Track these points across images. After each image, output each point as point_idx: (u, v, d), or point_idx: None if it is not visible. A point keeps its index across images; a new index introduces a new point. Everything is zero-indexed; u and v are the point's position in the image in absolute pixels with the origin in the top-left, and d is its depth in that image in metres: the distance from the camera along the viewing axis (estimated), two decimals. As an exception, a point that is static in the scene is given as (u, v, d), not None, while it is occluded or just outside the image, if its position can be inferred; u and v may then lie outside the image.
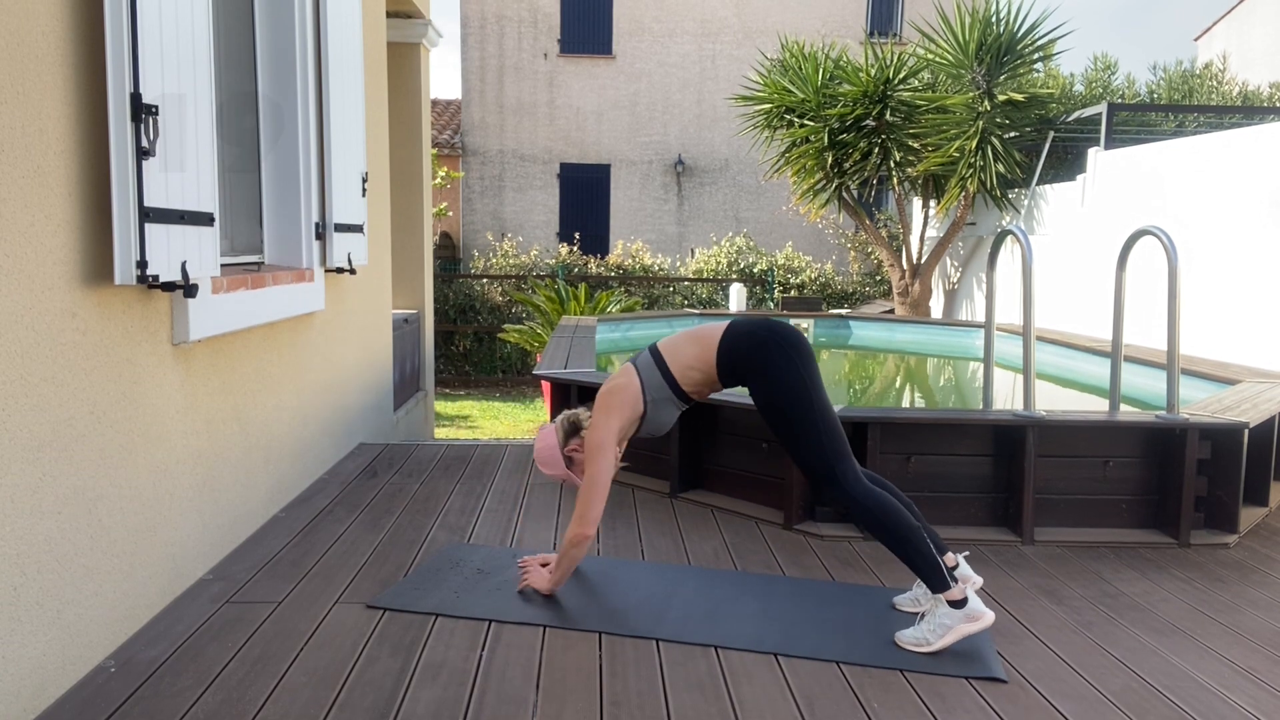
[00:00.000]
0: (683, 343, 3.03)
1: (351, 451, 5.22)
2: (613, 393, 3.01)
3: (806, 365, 2.89)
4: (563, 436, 3.10)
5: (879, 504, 2.78)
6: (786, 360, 2.87)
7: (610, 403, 3.00)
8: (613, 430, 2.97)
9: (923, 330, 8.93)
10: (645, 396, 3.01)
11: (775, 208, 17.87)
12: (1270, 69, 17.67)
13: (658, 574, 3.37)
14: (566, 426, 3.11)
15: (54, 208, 2.43)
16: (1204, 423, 3.82)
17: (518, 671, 2.60)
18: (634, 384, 3.02)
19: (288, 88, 4.18)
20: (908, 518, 2.78)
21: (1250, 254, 6.99)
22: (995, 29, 10.18)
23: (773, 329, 2.93)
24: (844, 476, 2.82)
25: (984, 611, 2.74)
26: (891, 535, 2.76)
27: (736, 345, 2.93)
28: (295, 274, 4.09)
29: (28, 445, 2.32)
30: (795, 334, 2.94)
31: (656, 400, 3.02)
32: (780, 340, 2.90)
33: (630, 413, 3.01)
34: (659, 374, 3.01)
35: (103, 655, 2.64)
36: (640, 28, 17.64)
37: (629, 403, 3.00)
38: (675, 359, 3.01)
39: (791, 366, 2.86)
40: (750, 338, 2.92)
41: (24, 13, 2.30)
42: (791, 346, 2.89)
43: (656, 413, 3.04)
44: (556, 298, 10.76)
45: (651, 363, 3.03)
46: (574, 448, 3.08)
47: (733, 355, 2.94)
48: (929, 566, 2.74)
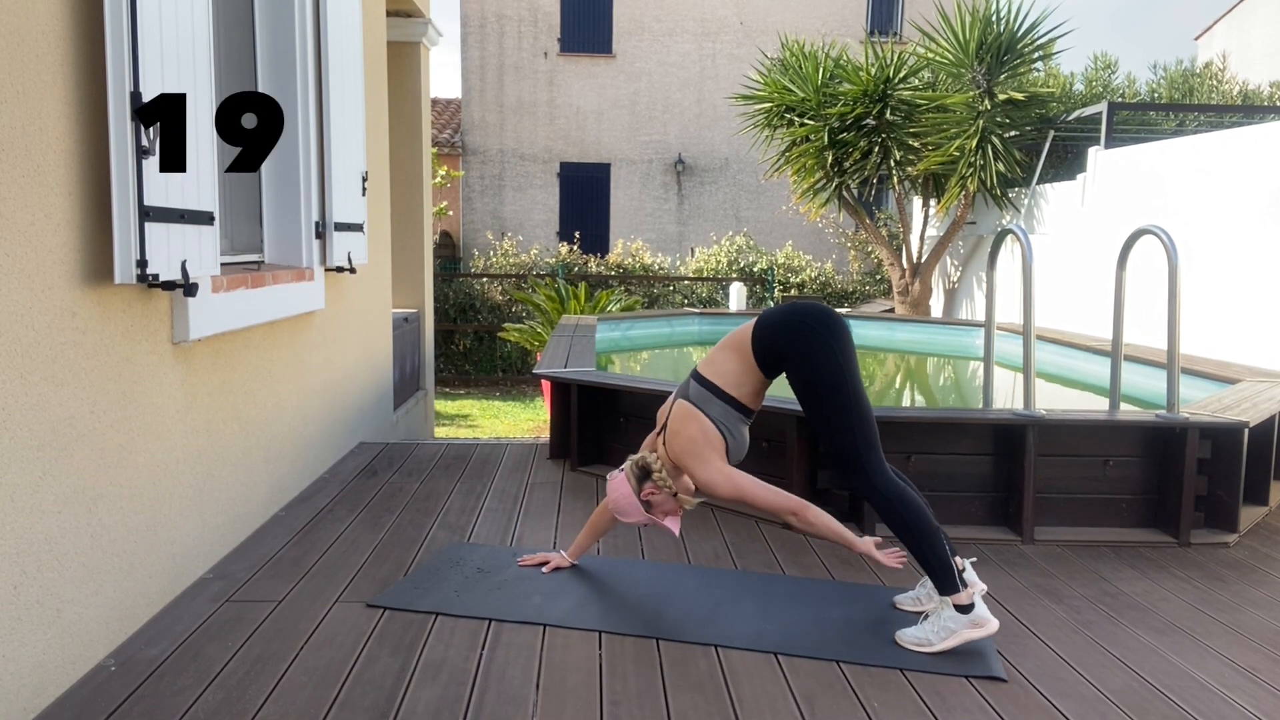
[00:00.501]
0: (721, 358, 2.99)
1: (351, 451, 5.22)
2: (694, 441, 2.95)
3: (843, 347, 2.83)
4: (635, 484, 3.04)
5: (901, 498, 2.77)
6: (821, 343, 2.81)
7: (702, 452, 2.94)
8: (725, 467, 2.93)
9: (923, 329, 8.93)
10: (720, 429, 2.96)
11: (775, 207, 17.87)
12: (1270, 68, 17.67)
13: (658, 574, 3.37)
14: (638, 473, 3.05)
15: (54, 207, 2.43)
16: (1204, 422, 3.82)
17: (518, 671, 2.60)
18: (705, 422, 2.95)
19: (288, 87, 4.18)
20: (929, 516, 2.77)
21: (1250, 254, 6.99)
22: (995, 28, 10.17)
23: (804, 312, 2.87)
24: (871, 466, 2.80)
25: (989, 619, 2.73)
26: (911, 532, 2.75)
27: (767, 336, 2.88)
28: (295, 273, 4.09)
29: (28, 444, 2.32)
30: (828, 315, 2.87)
31: (729, 426, 2.97)
32: (812, 323, 2.84)
33: (719, 446, 2.96)
34: (718, 400, 2.96)
35: (103, 654, 2.64)
36: (640, 27, 17.64)
37: (715, 440, 2.95)
38: (724, 377, 2.96)
39: (826, 348, 2.81)
40: (779, 326, 2.87)
41: (24, 12, 2.30)
42: (825, 328, 2.83)
43: (732, 435, 2.99)
44: (556, 297, 10.76)
45: (706, 393, 2.97)
46: (649, 492, 3.03)
47: (766, 347, 2.89)
48: (943, 567, 2.73)
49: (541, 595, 3.13)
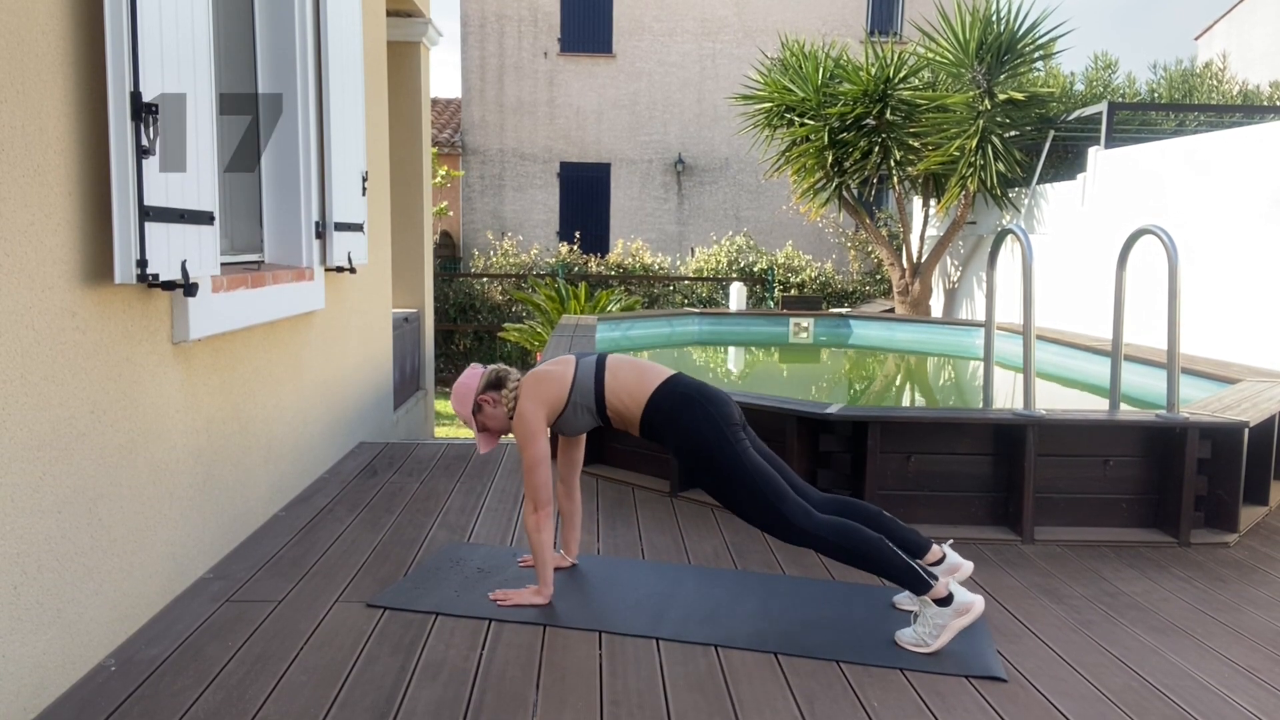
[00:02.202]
0: (628, 368, 3.04)
1: (351, 450, 5.22)
2: (542, 380, 3.03)
3: (730, 424, 2.90)
4: (483, 384, 3.10)
5: (832, 530, 2.79)
6: (709, 417, 2.88)
7: (538, 391, 3.01)
8: (540, 417, 3.00)
9: (923, 329, 8.93)
10: (570, 398, 3.02)
11: (775, 207, 17.87)
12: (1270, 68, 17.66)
13: (658, 573, 3.37)
14: (491, 378, 3.11)
15: (54, 207, 2.43)
16: (1204, 422, 3.82)
17: (518, 671, 2.60)
18: (565, 380, 3.02)
19: (288, 87, 4.18)
20: (865, 533, 2.77)
21: (1250, 253, 6.99)
22: (996, 28, 10.17)
23: (704, 391, 2.96)
24: (791, 515, 2.81)
25: (972, 600, 2.74)
26: (855, 555, 2.77)
27: (664, 398, 2.94)
28: (295, 273, 4.08)
29: (28, 444, 2.32)
30: (726, 399, 2.96)
31: (577, 404, 3.03)
32: (705, 399, 2.92)
33: (553, 403, 3.02)
34: (593, 385, 3.02)
35: (103, 654, 2.64)
36: (640, 27, 17.63)
37: (554, 395, 3.01)
38: (614, 383, 3.01)
39: (711, 421, 2.88)
40: (681, 395, 2.94)
41: (24, 12, 2.30)
42: (715, 405, 2.92)
43: (573, 416, 3.05)
44: (556, 297, 10.76)
45: (592, 371, 3.03)
46: (486, 399, 3.08)
47: (658, 408, 2.94)
48: (902, 573, 2.74)
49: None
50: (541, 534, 3.02)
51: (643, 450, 4.62)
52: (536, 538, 3.02)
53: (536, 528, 3.01)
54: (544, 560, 3.06)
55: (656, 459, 4.56)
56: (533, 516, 3.00)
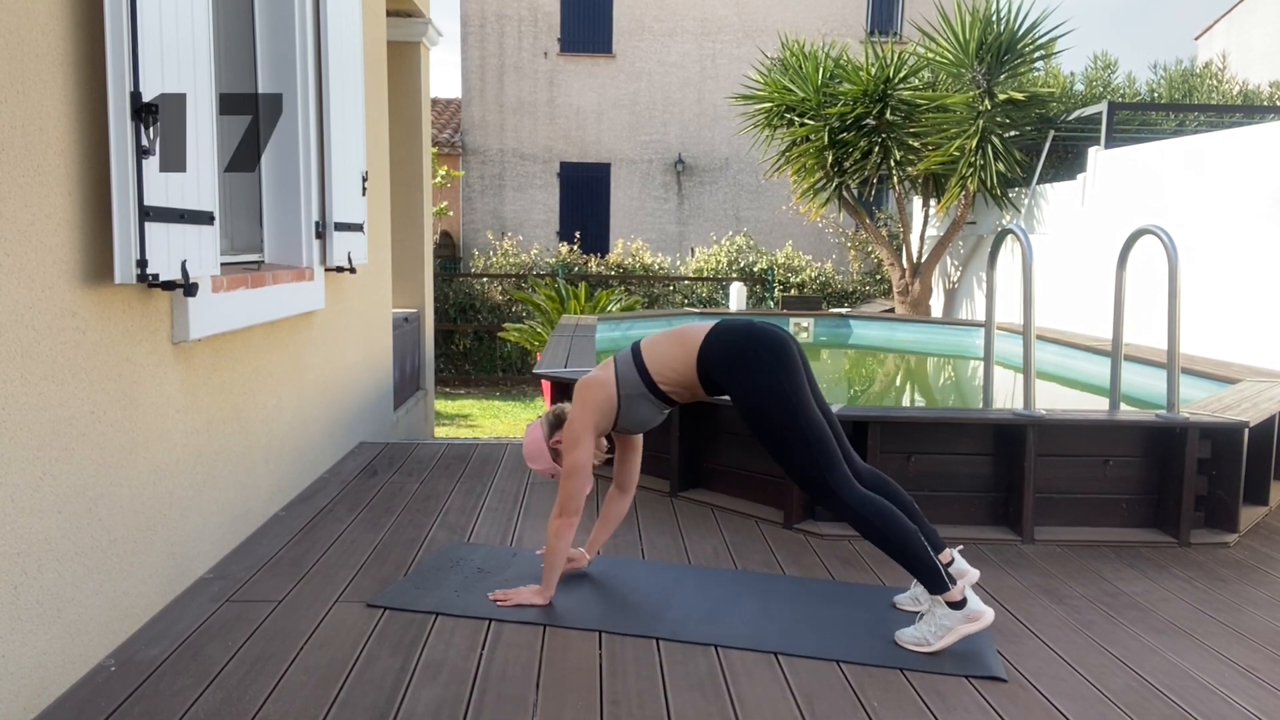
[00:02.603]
0: (665, 343, 2.98)
1: (351, 450, 5.22)
2: (587, 386, 3.01)
3: (788, 370, 2.78)
4: (547, 430, 3.09)
5: (875, 511, 2.74)
6: (766, 369, 2.77)
7: (585, 396, 2.99)
8: (587, 424, 2.97)
9: (923, 329, 8.93)
10: (619, 392, 2.98)
11: (775, 207, 17.87)
12: (1270, 68, 17.66)
13: (658, 573, 3.37)
14: (552, 420, 3.10)
15: (54, 207, 2.43)
16: (1204, 422, 3.82)
17: (518, 671, 2.60)
18: (609, 380, 2.99)
19: (288, 87, 4.18)
20: (904, 522, 2.74)
21: (1250, 253, 6.99)
22: (996, 28, 10.17)
23: (754, 335, 2.82)
24: (837, 486, 2.75)
25: (983, 610, 2.74)
26: (889, 541, 2.73)
27: (713, 353, 2.84)
28: (295, 273, 4.08)
29: (28, 444, 2.32)
30: (779, 338, 2.83)
31: (630, 397, 2.98)
32: (761, 347, 2.79)
33: (604, 407, 2.98)
34: (635, 372, 2.97)
35: (103, 654, 2.64)
36: (640, 27, 17.63)
37: (602, 398, 2.98)
38: (655, 359, 2.96)
39: (770, 373, 2.77)
40: (729, 345, 2.82)
41: (24, 12, 2.30)
42: (772, 353, 2.79)
43: (631, 409, 3.00)
44: (556, 297, 10.76)
45: (630, 360, 3.00)
46: (557, 440, 3.07)
47: (711, 363, 2.85)
48: (927, 570, 2.72)
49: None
50: (560, 540, 2.99)
51: (643, 450, 4.61)
52: (554, 543, 3.00)
53: (556, 533, 2.98)
54: (554, 565, 3.04)
55: (657, 459, 4.56)
56: (556, 521, 2.97)
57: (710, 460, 4.40)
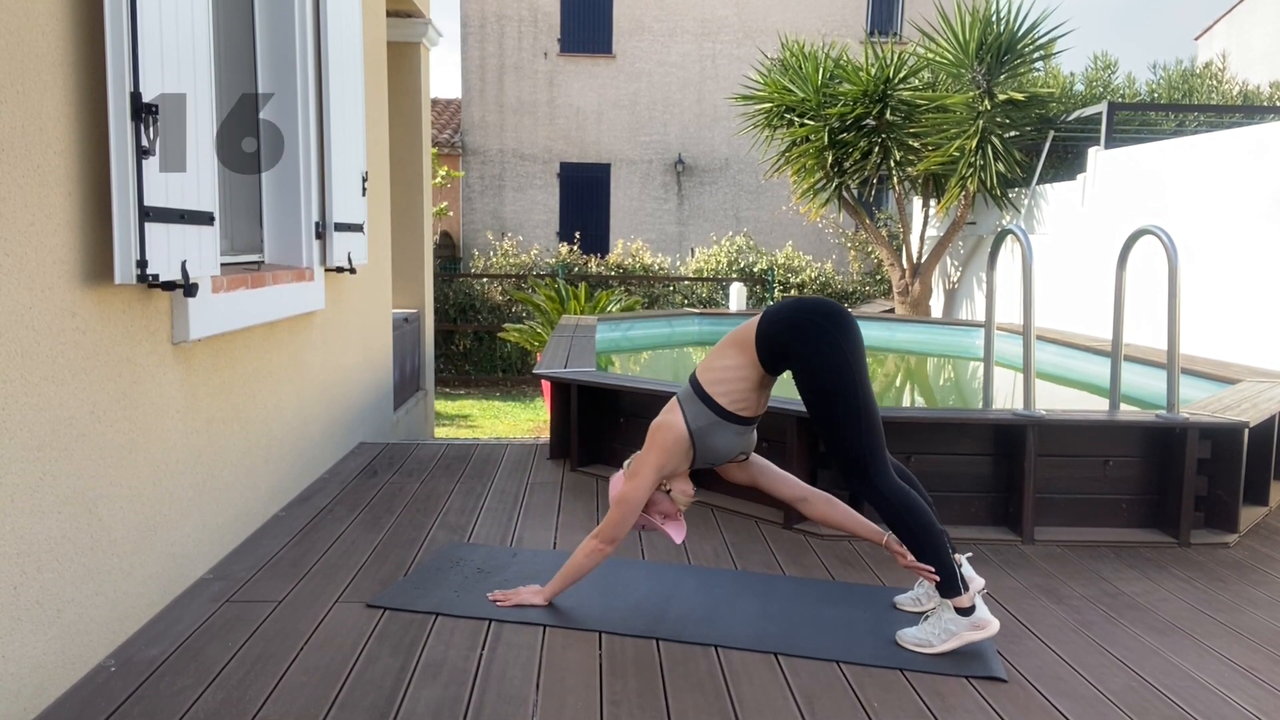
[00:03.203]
0: (719, 356, 2.90)
1: (351, 451, 5.22)
2: (658, 429, 2.93)
3: (852, 346, 2.74)
4: None
5: (905, 502, 2.74)
6: (829, 341, 2.72)
7: (655, 438, 2.92)
8: (651, 462, 2.90)
9: (923, 330, 8.93)
10: (689, 428, 2.89)
11: (775, 207, 17.87)
12: (1270, 68, 17.66)
13: (658, 574, 3.37)
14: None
15: (54, 207, 2.43)
16: (1204, 422, 3.82)
17: (518, 671, 2.60)
18: (677, 420, 2.91)
19: (288, 87, 4.18)
20: (932, 520, 2.75)
21: (1250, 253, 6.99)
22: (995, 28, 10.17)
23: (812, 309, 2.77)
24: (875, 469, 2.75)
25: (990, 620, 2.73)
26: (915, 535, 2.72)
27: (773, 333, 2.78)
28: (295, 273, 4.09)
29: (28, 445, 2.32)
30: (837, 311, 2.77)
31: (702, 429, 2.89)
32: (821, 320, 2.74)
33: (674, 449, 2.90)
34: (699, 402, 2.89)
35: (103, 654, 2.64)
36: (640, 27, 17.64)
37: (671, 440, 2.89)
38: (713, 380, 2.87)
39: (834, 347, 2.72)
40: (786, 323, 2.77)
41: (24, 12, 2.30)
42: (834, 325, 2.73)
43: (706, 441, 2.91)
44: (556, 297, 10.76)
45: (692, 393, 2.92)
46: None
47: (770, 344, 2.79)
48: (946, 572, 2.72)
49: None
50: (588, 560, 2.94)
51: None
52: (582, 560, 2.95)
53: (588, 554, 2.94)
54: (569, 578, 3.00)
55: (656, 459, 4.56)
56: (592, 542, 2.93)
57: (710, 460, 4.40)
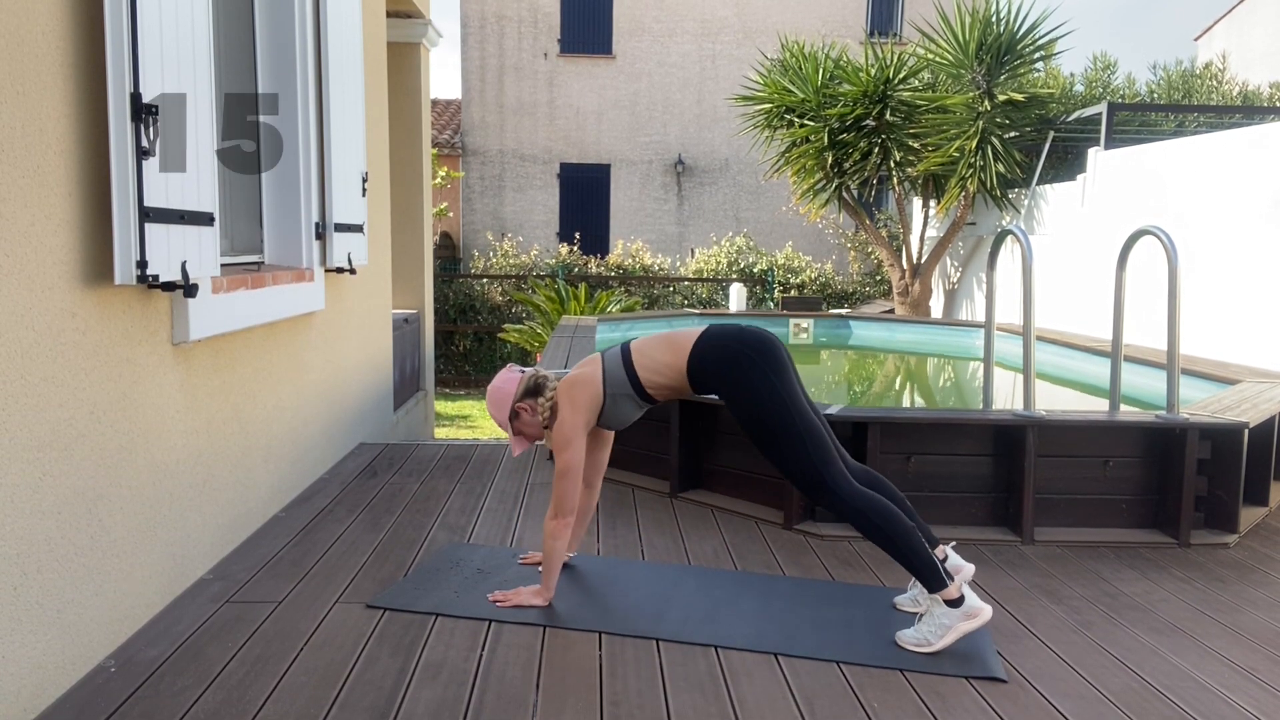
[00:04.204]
0: (655, 346, 3.02)
1: (351, 451, 5.22)
2: (575, 384, 3.03)
3: (780, 373, 2.85)
4: (521, 391, 3.08)
5: (872, 506, 2.77)
6: (759, 372, 2.84)
7: (573, 395, 3.01)
8: (578, 425, 2.99)
9: (923, 330, 8.93)
10: (605, 391, 3.02)
11: (775, 208, 17.87)
12: (1270, 69, 17.66)
13: (658, 574, 3.37)
14: (530, 385, 3.09)
15: (54, 207, 2.43)
16: (1204, 422, 3.82)
17: (518, 671, 2.60)
18: (596, 378, 3.02)
19: (288, 87, 4.18)
20: (902, 519, 2.76)
21: (1250, 254, 6.99)
22: (995, 29, 10.18)
23: (743, 339, 2.89)
24: (833, 483, 2.79)
25: (981, 607, 2.74)
26: (886, 538, 2.75)
27: (706, 357, 2.91)
28: (295, 274, 4.09)
29: (28, 445, 2.32)
30: (767, 342, 2.90)
31: (616, 396, 3.03)
32: (751, 351, 2.86)
33: (593, 405, 3.02)
34: (624, 372, 3.01)
35: (103, 655, 2.64)
36: (640, 27, 17.64)
37: (590, 396, 3.01)
38: (644, 362, 3.00)
39: (764, 378, 2.83)
40: (721, 350, 2.89)
41: (24, 12, 2.30)
42: (762, 355, 2.86)
43: (614, 408, 3.05)
44: (556, 297, 10.76)
45: (620, 361, 3.03)
46: (524, 406, 3.07)
47: (703, 366, 2.92)
48: (925, 567, 2.73)
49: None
50: (557, 541, 3.00)
51: (643, 450, 4.62)
52: (550, 544, 3.01)
53: (553, 534, 2.99)
54: (552, 567, 3.05)
55: (657, 459, 4.57)
56: (552, 522, 2.99)
57: (710, 461, 4.40)
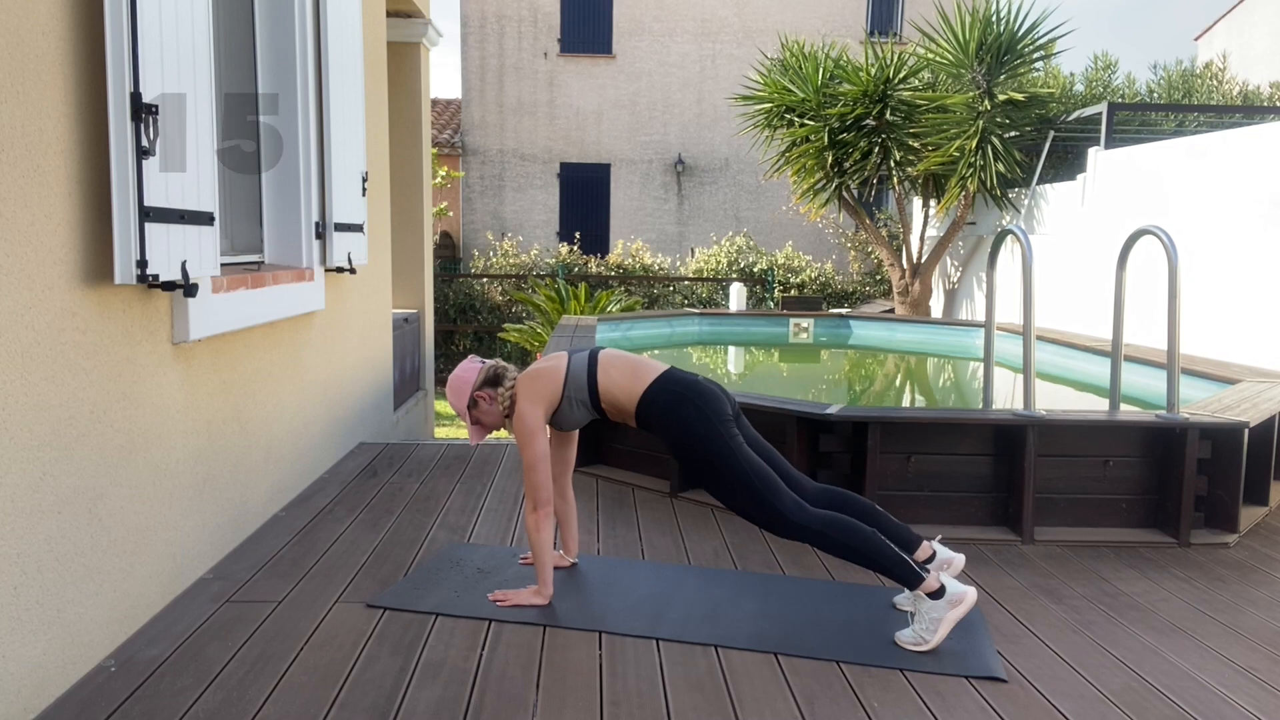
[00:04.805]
0: (619, 367, 3.05)
1: (351, 451, 5.22)
2: (537, 377, 3.05)
3: (723, 421, 2.91)
4: (480, 380, 3.09)
5: (826, 524, 2.80)
6: (704, 418, 2.90)
7: (535, 388, 3.03)
8: (539, 417, 3.02)
9: (923, 330, 8.93)
10: (564, 391, 3.04)
11: (775, 207, 17.87)
12: (1270, 69, 17.67)
13: (658, 574, 3.37)
14: (489, 374, 3.10)
15: (54, 207, 2.43)
16: (1204, 422, 3.82)
17: (518, 671, 2.60)
18: (558, 376, 3.04)
19: (288, 87, 4.18)
20: (859, 527, 2.79)
21: (1250, 254, 6.99)
22: (995, 28, 10.17)
23: (697, 388, 2.96)
24: (785, 511, 2.82)
25: (964, 590, 2.75)
26: (851, 550, 2.78)
27: (657, 397, 2.96)
28: (295, 273, 4.09)
29: (28, 445, 2.32)
30: (716, 394, 2.97)
31: (572, 399, 3.05)
32: (700, 399, 2.93)
33: (551, 400, 3.04)
34: (585, 379, 3.04)
35: (103, 654, 2.64)
36: (640, 27, 17.64)
37: (550, 391, 3.04)
38: (606, 378, 3.03)
39: (708, 422, 2.89)
40: (672, 394, 2.95)
41: (24, 12, 2.30)
42: (707, 403, 2.93)
43: (568, 409, 3.07)
44: (557, 297, 10.76)
45: (585, 368, 3.05)
46: (483, 395, 3.08)
47: (653, 404, 2.97)
48: (896, 565, 2.75)
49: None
50: (541, 533, 3.02)
51: (643, 450, 4.62)
52: (535, 537, 3.02)
53: (535, 527, 3.01)
54: (543, 561, 3.06)
55: (656, 459, 4.57)
56: (532, 516, 3.00)
57: (710, 460, 4.40)
